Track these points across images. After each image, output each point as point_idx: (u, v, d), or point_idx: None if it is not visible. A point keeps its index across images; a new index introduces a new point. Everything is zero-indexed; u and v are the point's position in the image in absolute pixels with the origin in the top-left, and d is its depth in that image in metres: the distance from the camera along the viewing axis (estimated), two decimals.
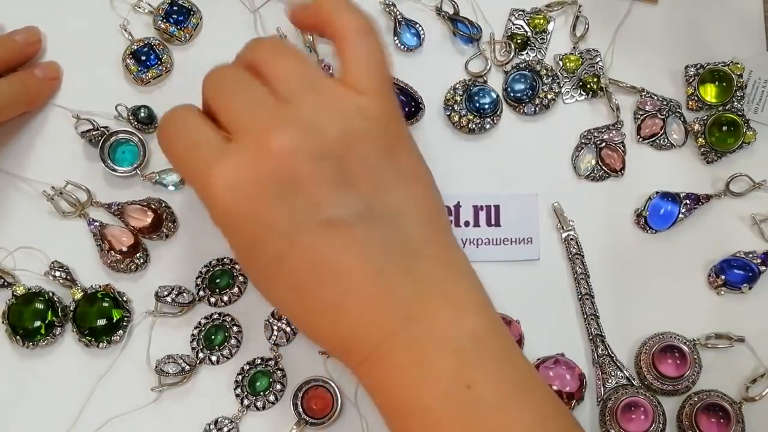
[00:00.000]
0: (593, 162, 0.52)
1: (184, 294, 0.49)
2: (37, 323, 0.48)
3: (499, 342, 0.39)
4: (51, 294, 0.49)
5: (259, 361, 0.49)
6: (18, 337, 0.48)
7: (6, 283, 0.49)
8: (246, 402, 0.48)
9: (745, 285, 0.49)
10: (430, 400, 0.37)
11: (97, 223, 0.50)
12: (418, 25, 0.54)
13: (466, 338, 0.38)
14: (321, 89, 0.39)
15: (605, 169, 0.52)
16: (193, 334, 0.49)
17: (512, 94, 0.53)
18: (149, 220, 0.50)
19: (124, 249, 0.49)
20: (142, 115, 0.51)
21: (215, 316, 0.49)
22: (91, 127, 0.51)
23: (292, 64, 0.40)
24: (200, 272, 0.50)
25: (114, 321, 0.48)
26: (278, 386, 0.48)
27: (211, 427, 0.47)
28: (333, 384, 0.47)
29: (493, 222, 0.51)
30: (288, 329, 0.49)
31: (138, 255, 0.50)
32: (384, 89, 0.41)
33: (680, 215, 0.50)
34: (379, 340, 0.38)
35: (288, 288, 0.39)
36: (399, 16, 0.54)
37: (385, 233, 0.38)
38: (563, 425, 0.39)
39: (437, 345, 0.38)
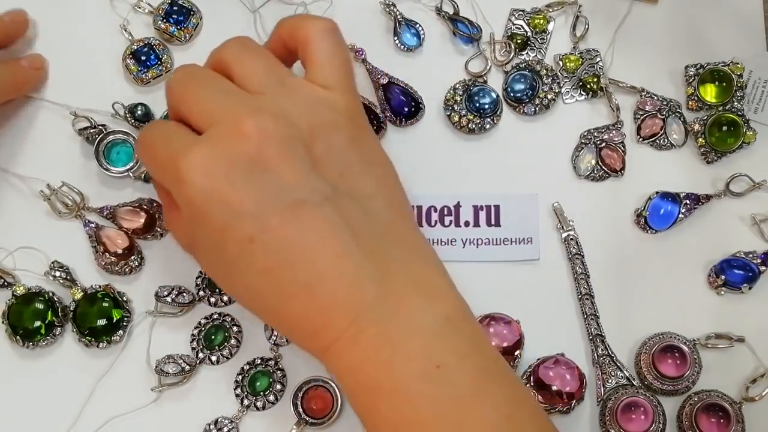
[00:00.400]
0: (593, 162, 0.52)
1: (184, 294, 0.49)
2: (37, 323, 0.48)
3: (468, 326, 0.41)
4: (51, 294, 0.49)
5: (259, 361, 0.49)
6: (18, 337, 0.48)
7: (6, 283, 0.49)
8: (246, 402, 0.48)
9: (745, 285, 0.49)
10: (401, 378, 0.38)
11: (93, 225, 0.50)
12: (418, 25, 0.54)
13: (436, 320, 0.39)
14: (289, 83, 0.42)
15: (605, 169, 0.52)
16: (193, 334, 0.49)
17: (512, 94, 0.53)
18: (142, 221, 0.50)
19: (119, 251, 0.49)
20: (139, 112, 0.51)
21: (215, 316, 0.49)
22: (89, 124, 0.51)
23: (260, 61, 0.42)
24: (200, 272, 0.50)
25: (114, 321, 0.48)
26: (278, 386, 0.48)
27: (211, 427, 0.47)
28: (333, 384, 0.47)
29: (493, 222, 0.51)
30: None
31: (132, 257, 0.50)
32: (348, 85, 0.43)
33: (680, 215, 0.50)
34: (351, 320, 0.38)
35: (258, 272, 0.39)
36: (399, 16, 0.54)
37: (352, 215, 0.39)
38: (533, 410, 0.40)
39: (407, 325, 0.38)
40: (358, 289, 0.39)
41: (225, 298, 0.49)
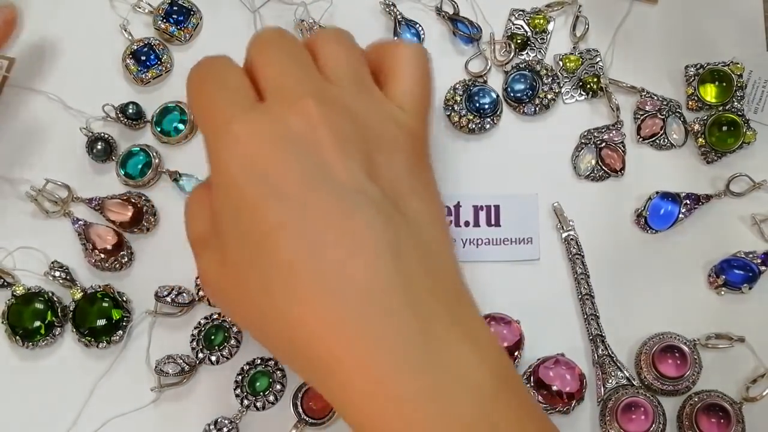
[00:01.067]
0: (593, 162, 0.52)
1: (184, 294, 0.49)
2: (37, 323, 0.48)
3: (520, 383, 0.36)
4: (51, 294, 0.49)
5: (259, 361, 0.49)
6: (17, 337, 0.48)
7: (6, 283, 0.49)
8: (246, 402, 0.48)
9: (745, 285, 0.49)
10: None
11: (82, 222, 0.50)
12: (418, 25, 0.54)
13: (488, 375, 0.33)
14: (367, 86, 0.39)
15: (605, 169, 0.52)
16: (192, 334, 0.49)
17: (512, 94, 0.53)
18: (129, 214, 0.50)
19: (108, 248, 0.49)
20: (131, 111, 0.51)
21: (215, 316, 0.49)
22: (98, 139, 0.51)
23: (349, 53, 0.39)
24: None
25: (114, 321, 0.48)
26: (278, 386, 0.48)
27: (211, 427, 0.47)
28: None
29: (493, 222, 0.51)
30: None
31: (122, 253, 0.50)
32: (422, 112, 0.40)
33: (680, 215, 0.50)
34: (378, 351, 0.32)
35: (278, 265, 0.34)
36: (399, 16, 0.54)
37: (397, 230, 0.34)
38: None
39: (457, 378, 0.32)
40: (389, 313, 0.32)
41: None
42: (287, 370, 0.48)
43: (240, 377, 0.48)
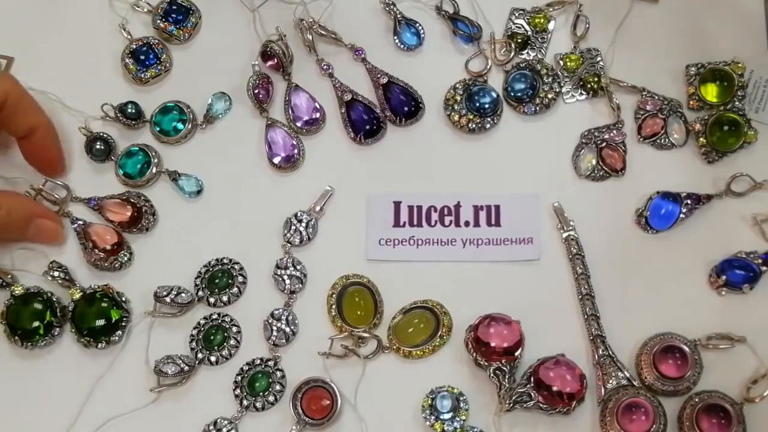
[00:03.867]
0: (594, 162, 0.52)
1: (183, 294, 0.49)
2: (36, 323, 0.48)
3: None
4: (50, 294, 0.49)
5: (259, 361, 0.48)
6: (16, 337, 0.48)
7: (4, 283, 0.49)
8: (245, 402, 0.47)
9: (746, 285, 0.49)
10: None
11: (81, 222, 0.50)
12: (418, 24, 0.54)
13: None
14: None
15: (606, 168, 0.51)
16: (192, 335, 0.49)
17: (512, 94, 0.52)
18: (128, 213, 0.50)
19: (108, 247, 0.49)
20: (130, 110, 0.51)
21: (214, 317, 0.49)
22: (97, 139, 0.51)
23: None
24: (199, 272, 0.50)
25: (113, 321, 0.48)
26: (277, 387, 0.48)
27: (210, 428, 0.47)
28: (332, 385, 0.47)
29: (493, 222, 0.51)
30: (287, 329, 0.49)
31: (122, 252, 0.49)
32: None
33: (681, 215, 0.50)
34: None
35: None
36: (399, 15, 0.54)
37: None
38: None
39: None
40: None
41: (224, 299, 0.49)
42: (287, 371, 0.48)
43: (239, 377, 0.48)
